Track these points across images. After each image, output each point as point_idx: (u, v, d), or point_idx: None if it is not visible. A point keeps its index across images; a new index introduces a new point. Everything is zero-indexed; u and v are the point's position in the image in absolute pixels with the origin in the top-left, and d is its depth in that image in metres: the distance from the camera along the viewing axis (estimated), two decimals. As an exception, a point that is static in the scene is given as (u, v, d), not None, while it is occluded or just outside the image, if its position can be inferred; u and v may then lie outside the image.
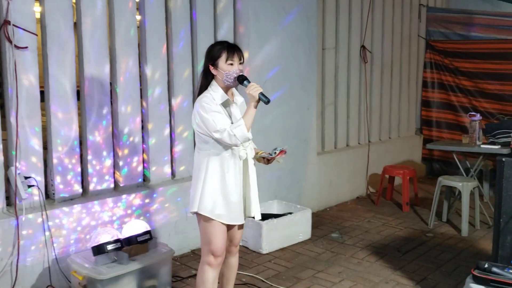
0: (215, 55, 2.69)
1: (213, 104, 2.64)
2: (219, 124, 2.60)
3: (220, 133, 2.59)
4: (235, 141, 2.59)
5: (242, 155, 2.73)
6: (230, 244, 2.94)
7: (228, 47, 2.70)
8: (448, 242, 4.57)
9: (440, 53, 7.14)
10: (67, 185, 3.62)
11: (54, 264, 3.41)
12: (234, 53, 2.69)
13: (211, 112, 2.61)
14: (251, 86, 2.61)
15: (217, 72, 2.69)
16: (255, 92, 2.59)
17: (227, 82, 2.68)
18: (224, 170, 2.69)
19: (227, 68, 2.67)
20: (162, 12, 4.13)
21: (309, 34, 5.26)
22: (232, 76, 2.67)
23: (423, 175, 7.37)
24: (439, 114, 7.26)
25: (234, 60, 2.68)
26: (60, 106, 3.54)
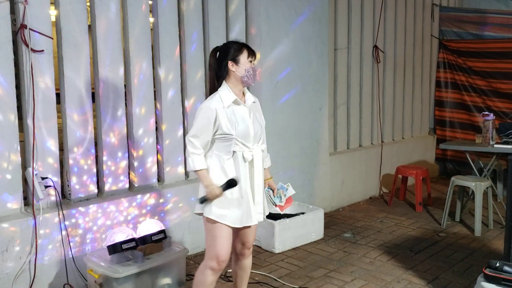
0: (236, 52, 2.68)
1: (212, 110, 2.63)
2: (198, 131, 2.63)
3: (188, 143, 2.65)
4: (186, 153, 2.70)
5: (247, 157, 2.69)
6: (242, 247, 2.90)
7: (248, 47, 2.74)
8: (460, 242, 4.56)
9: (453, 52, 7.11)
10: (82, 186, 3.69)
11: (71, 263, 3.48)
12: (253, 53, 2.74)
13: (201, 120, 2.64)
14: (214, 192, 2.64)
15: (237, 69, 2.68)
16: (208, 195, 2.65)
17: (246, 79, 2.68)
18: (228, 172, 2.66)
19: (248, 65, 2.68)
20: (175, 15, 4.19)
21: (321, 35, 5.28)
22: (253, 73, 2.69)
23: (436, 175, 7.34)
24: (453, 114, 7.22)
25: (253, 59, 2.73)
26: (76, 108, 3.62)
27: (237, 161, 2.68)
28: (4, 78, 3.23)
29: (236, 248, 2.94)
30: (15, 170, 3.32)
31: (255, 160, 2.73)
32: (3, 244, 3.20)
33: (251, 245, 2.93)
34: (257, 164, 2.75)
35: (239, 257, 2.93)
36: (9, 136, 3.28)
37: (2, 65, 3.21)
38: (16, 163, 3.33)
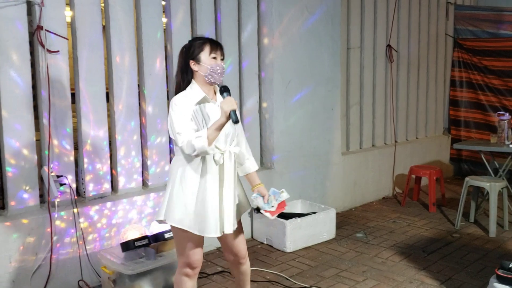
0: (197, 49, 2.49)
1: (185, 104, 2.45)
2: (181, 128, 2.39)
3: (180, 139, 2.39)
4: (191, 151, 2.37)
5: (217, 160, 2.49)
6: (235, 258, 2.75)
7: (211, 41, 2.53)
8: (475, 243, 4.52)
9: (468, 51, 7.05)
10: (97, 184, 3.75)
11: (85, 260, 3.54)
12: (217, 48, 2.52)
13: (178, 114, 2.42)
14: (227, 100, 2.37)
15: (199, 67, 2.49)
16: (228, 108, 2.34)
17: (211, 77, 2.48)
18: (197, 177, 2.47)
19: (210, 62, 2.47)
20: (187, 15, 4.22)
21: (333, 34, 5.28)
22: (217, 71, 2.47)
23: (451, 176, 7.28)
24: (468, 114, 7.16)
25: (217, 54, 2.50)
26: (90, 108, 3.67)
27: (207, 164, 2.48)
28: (21, 78, 3.30)
29: (229, 260, 2.81)
30: (31, 168, 3.39)
31: (225, 164, 2.53)
32: (20, 240, 3.27)
33: (245, 254, 2.77)
34: (228, 169, 2.54)
35: (237, 265, 2.79)
36: (26, 135, 3.35)
37: (19, 65, 3.29)
38: (32, 161, 3.40)
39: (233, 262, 2.79)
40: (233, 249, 2.72)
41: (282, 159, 4.90)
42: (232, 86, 4.65)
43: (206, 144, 2.34)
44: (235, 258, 2.76)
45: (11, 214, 3.32)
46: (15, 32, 3.25)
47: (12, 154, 3.31)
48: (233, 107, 2.35)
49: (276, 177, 4.86)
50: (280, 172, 4.89)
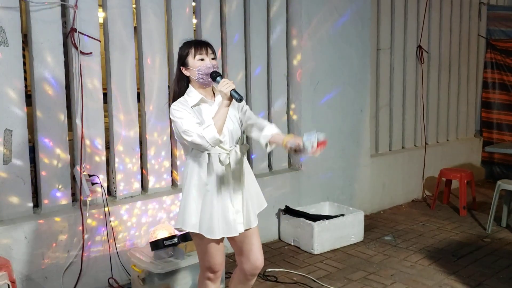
0: (183, 54, 2.46)
1: (182, 107, 2.42)
2: (186, 125, 2.35)
3: (188, 135, 2.34)
4: (204, 143, 2.32)
5: (223, 160, 2.45)
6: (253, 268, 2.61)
7: (195, 42, 2.50)
8: (506, 248, 4.41)
9: (501, 52, 6.88)
10: (127, 183, 3.81)
11: (115, 258, 3.61)
12: (202, 47, 2.45)
13: (179, 114, 2.39)
14: (223, 83, 2.33)
15: (189, 72, 2.46)
16: (227, 89, 2.31)
17: (202, 80, 2.43)
18: (204, 180, 2.45)
19: (198, 64, 2.43)
20: (217, 17, 4.26)
21: (363, 35, 5.24)
22: (204, 71, 2.41)
23: (482, 179, 7.12)
24: (500, 116, 6.98)
25: (204, 54, 2.44)
26: (122, 108, 3.74)
27: (213, 166, 2.45)
28: (55, 79, 3.39)
29: (245, 269, 2.65)
30: (64, 167, 3.48)
31: (232, 164, 2.48)
32: (53, 238, 3.36)
33: (261, 264, 2.64)
34: (235, 169, 2.50)
35: (248, 276, 2.66)
36: (59, 135, 3.44)
37: (53, 67, 3.38)
38: (65, 161, 3.49)
39: (249, 273, 2.63)
40: (250, 256, 2.60)
41: (310, 161, 4.89)
42: (261, 87, 4.67)
43: (215, 131, 2.31)
44: (252, 268, 2.62)
45: (44, 212, 3.41)
46: (49, 34, 3.34)
47: (46, 153, 3.40)
48: (231, 87, 2.32)
49: (304, 179, 4.85)
50: (308, 174, 4.87)
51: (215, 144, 2.36)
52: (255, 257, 2.61)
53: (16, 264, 3.17)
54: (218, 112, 2.37)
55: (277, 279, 3.78)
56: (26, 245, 3.25)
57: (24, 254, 3.25)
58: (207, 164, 2.45)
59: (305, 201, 4.85)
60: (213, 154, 2.44)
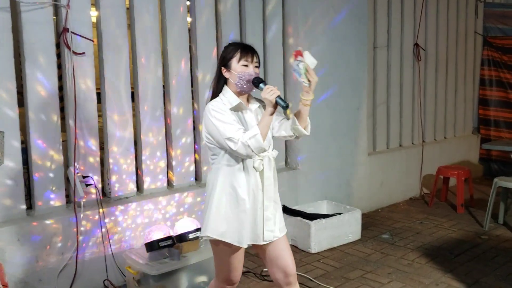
0: (228, 56, 2.40)
1: (224, 109, 2.35)
2: (230, 132, 2.28)
3: (232, 143, 2.27)
4: (249, 152, 2.26)
5: (257, 167, 2.38)
6: (285, 276, 2.48)
7: (243, 47, 2.42)
8: (504, 245, 4.39)
9: (498, 50, 6.85)
10: (122, 184, 3.79)
11: (110, 259, 3.58)
12: (248, 53, 2.39)
13: (221, 118, 2.31)
14: (267, 89, 2.27)
15: (229, 75, 2.40)
16: (272, 96, 2.25)
17: (241, 86, 2.37)
18: (236, 185, 2.37)
19: (240, 70, 2.37)
20: (212, 15, 4.23)
21: (359, 33, 5.21)
22: (246, 78, 2.35)
23: (480, 176, 7.10)
24: (498, 113, 6.97)
25: (249, 61, 2.38)
26: (116, 109, 3.72)
27: (248, 172, 2.38)
28: (47, 80, 3.37)
29: (278, 280, 2.52)
30: (57, 169, 3.46)
31: (265, 170, 2.42)
32: (47, 240, 3.33)
33: (294, 271, 2.52)
34: (268, 175, 2.44)
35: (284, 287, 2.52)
36: (52, 136, 3.42)
37: (45, 68, 3.35)
38: (59, 162, 3.46)
39: (284, 283, 2.50)
40: (279, 262, 2.49)
41: (307, 160, 4.87)
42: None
43: (261, 141, 2.25)
44: (285, 276, 2.48)
45: (38, 214, 3.39)
46: (41, 34, 3.31)
47: (39, 155, 3.37)
48: (276, 93, 2.27)
49: (301, 178, 4.83)
50: (305, 173, 4.85)
51: (259, 152, 2.31)
52: (285, 263, 2.49)
53: (9, 267, 3.15)
54: (263, 120, 2.30)
55: (274, 279, 3.76)
56: (20, 248, 3.22)
57: (18, 257, 3.22)
58: (240, 170, 2.38)
59: (303, 200, 4.83)
60: (247, 159, 2.37)
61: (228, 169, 2.38)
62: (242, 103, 2.41)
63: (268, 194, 2.44)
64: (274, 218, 2.47)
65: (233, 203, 2.38)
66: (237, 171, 2.37)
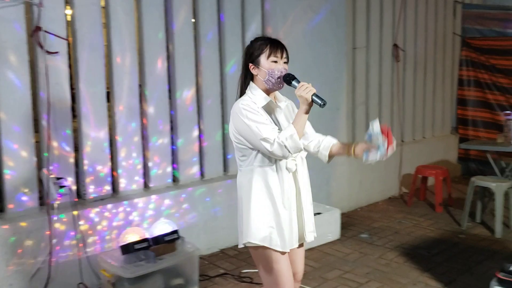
0: (256, 52, 2.29)
1: (255, 107, 2.23)
2: (265, 132, 2.16)
3: (269, 144, 2.15)
4: (285, 152, 2.16)
5: (290, 167, 2.29)
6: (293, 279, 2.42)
7: (271, 42, 2.31)
8: (480, 244, 4.44)
9: (476, 50, 6.94)
10: (97, 186, 3.72)
11: (85, 262, 3.51)
12: (277, 49, 2.28)
13: (254, 117, 2.19)
14: (302, 87, 2.18)
15: (258, 71, 2.29)
16: (308, 94, 2.16)
17: (270, 83, 2.27)
18: (272, 187, 2.25)
19: (269, 66, 2.26)
20: (189, 14, 4.19)
21: (338, 34, 5.22)
22: (276, 75, 2.25)
23: (459, 175, 7.18)
24: (476, 113, 7.06)
25: (278, 57, 2.28)
26: (91, 109, 3.65)
27: (281, 173, 2.26)
28: (20, 80, 3.29)
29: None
30: (30, 170, 3.38)
31: (299, 170, 2.35)
32: (19, 243, 3.25)
33: (300, 278, 2.53)
34: (302, 175, 2.37)
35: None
36: (25, 137, 3.34)
37: (17, 67, 3.27)
38: (31, 163, 3.38)
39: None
40: (293, 267, 2.41)
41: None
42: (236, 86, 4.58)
43: (298, 141, 2.16)
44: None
45: (9, 217, 3.30)
46: (13, 33, 3.23)
47: (10, 156, 3.29)
48: (312, 91, 2.18)
49: (279, 178, 4.81)
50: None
51: (295, 152, 2.22)
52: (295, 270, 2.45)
53: (-20, 271, 3.07)
54: (299, 120, 2.21)
55: (252, 280, 3.74)
56: (-10, 252, 3.15)
57: (-12, 261, 3.14)
58: (274, 171, 2.26)
59: (282, 201, 4.81)
60: (280, 160, 2.26)
61: (261, 170, 2.26)
62: (272, 101, 2.32)
63: (304, 193, 2.37)
64: (313, 218, 2.43)
65: (271, 205, 2.26)
66: (271, 172, 2.26)
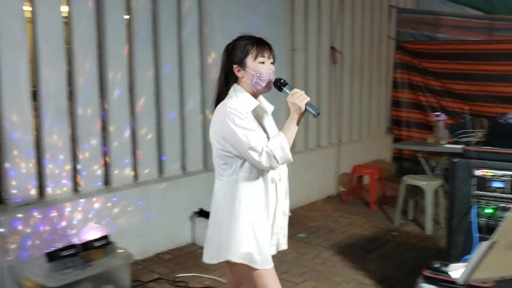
0: (241, 52, 2.13)
1: (243, 112, 2.06)
2: (253, 140, 2.01)
3: (257, 153, 2.00)
4: (273, 163, 2.02)
5: (275, 177, 2.16)
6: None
7: (257, 42, 2.16)
8: (412, 241, 4.60)
9: (409, 53, 7.19)
10: (21, 190, 3.52)
11: (7, 272, 3.31)
12: (265, 49, 2.14)
13: (242, 123, 2.03)
14: (296, 94, 2.06)
15: (244, 74, 2.12)
16: (302, 102, 2.05)
17: (259, 86, 2.12)
18: (258, 199, 2.11)
19: (257, 68, 2.11)
20: (122, 12, 4.06)
21: (277, 35, 5.23)
22: (265, 77, 2.11)
23: (393, 174, 7.41)
24: (409, 114, 7.32)
25: (265, 57, 2.14)
26: (14, 108, 3.45)
27: (268, 184, 2.13)
28: None
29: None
30: None
31: (282, 181, 2.22)
32: None
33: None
34: (283, 186, 2.24)
35: None
36: None
37: None
38: None
39: None
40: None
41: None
42: (172, 86, 4.52)
43: (288, 150, 2.04)
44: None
45: None
46: None
47: None
48: (306, 99, 2.06)
49: (217, 179, 4.76)
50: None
51: (283, 163, 2.09)
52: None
53: None
54: (289, 129, 2.08)
55: (187, 285, 3.68)
56: None
57: None
58: (259, 182, 2.11)
59: (220, 202, 4.76)
60: (265, 171, 2.12)
61: (246, 180, 2.10)
62: (261, 106, 2.17)
63: (283, 206, 2.26)
64: (283, 231, 2.31)
65: (256, 219, 2.12)
66: (257, 182, 2.11)
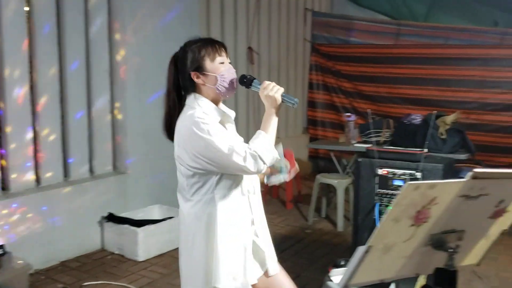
0: (196, 57, 1.94)
1: (213, 120, 1.89)
2: (229, 147, 1.81)
3: (241, 157, 1.81)
4: (260, 165, 1.83)
5: (250, 190, 2.01)
6: None
7: (211, 42, 1.98)
8: (324, 238, 4.71)
9: (323, 56, 7.39)
10: None
11: None
12: (220, 48, 1.97)
13: (216, 132, 1.84)
14: (269, 86, 1.91)
15: (205, 79, 1.93)
16: (277, 94, 1.90)
17: (223, 88, 1.93)
18: (240, 216, 1.96)
19: (218, 69, 1.93)
20: (21, 4, 3.80)
21: (192, 33, 4.99)
22: (228, 78, 1.93)
23: (309, 173, 7.57)
24: (324, 114, 7.53)
25: (224, 56, 1.97)
26: None
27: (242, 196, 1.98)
28: None
29: None
30: None
31: (256, 192, 2.06)
32: None
33: None
34: (257, 197, 2.07)
35: None
36: None
37: None
38: None
39: None
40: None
41: (137, 163, 4.66)
42: (79, 84, 4.29)
43: (273, 147, 1.89)
44: None
45: None
46: None
47: None
48: (280, 90, 1.91)
49: (131, 182, 4.60)
50: (135, 177, 4.63)
51: (271, 164, 1.92)
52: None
53: None
54: (269, 124, 1.91)
55: (94, 293, 3.51)
56: None
57: None
58: (236, 197, 1.94)
59: (133, 206, 4.60)
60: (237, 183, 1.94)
61: (225, 200, 1.93)
62: (226, 113, 1.98)
63: (260, 219, 2.10)
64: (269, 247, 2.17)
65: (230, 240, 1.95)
66: (232, 198, 1.94)
